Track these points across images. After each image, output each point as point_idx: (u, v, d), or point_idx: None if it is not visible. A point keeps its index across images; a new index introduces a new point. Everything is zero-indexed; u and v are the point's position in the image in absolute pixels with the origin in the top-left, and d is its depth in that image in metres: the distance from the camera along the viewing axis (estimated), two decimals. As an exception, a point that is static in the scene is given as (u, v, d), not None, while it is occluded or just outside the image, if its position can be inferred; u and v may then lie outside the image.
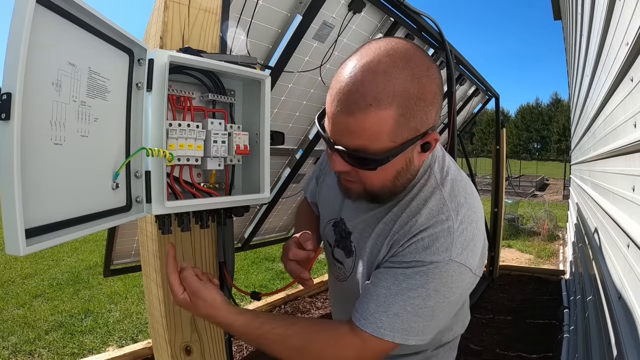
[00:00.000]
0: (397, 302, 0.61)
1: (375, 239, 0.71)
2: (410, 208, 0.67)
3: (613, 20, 1.27)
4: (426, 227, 0.63)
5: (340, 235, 0.80)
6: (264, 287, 3.97)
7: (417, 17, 1.92)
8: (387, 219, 0.69)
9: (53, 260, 4.98)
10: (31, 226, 0.51)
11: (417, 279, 0.61)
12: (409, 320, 0.62)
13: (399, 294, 0.62)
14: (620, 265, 1.15)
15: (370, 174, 0.61)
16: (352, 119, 0.54)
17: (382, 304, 0.62)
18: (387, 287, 0.63)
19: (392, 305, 0.62)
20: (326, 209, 0.88)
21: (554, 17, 4.99)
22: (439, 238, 0.62)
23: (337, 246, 0.81)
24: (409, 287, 0.61)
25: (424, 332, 0.63)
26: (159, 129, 0.74)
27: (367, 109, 0.53)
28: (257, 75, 0.89)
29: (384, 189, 0.64)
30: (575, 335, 2.22)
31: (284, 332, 0.65)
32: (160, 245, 0.88)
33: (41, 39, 0.52)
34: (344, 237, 0.79)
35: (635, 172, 1.04)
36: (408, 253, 0.63)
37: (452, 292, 0.63)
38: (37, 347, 2.71)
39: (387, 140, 0.55)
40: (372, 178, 0.62)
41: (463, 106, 3.71)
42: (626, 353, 0.83)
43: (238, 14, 1.36)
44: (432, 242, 0.62)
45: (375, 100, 0.52)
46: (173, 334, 0.90)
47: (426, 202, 0.66)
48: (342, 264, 0.80)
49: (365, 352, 0.63)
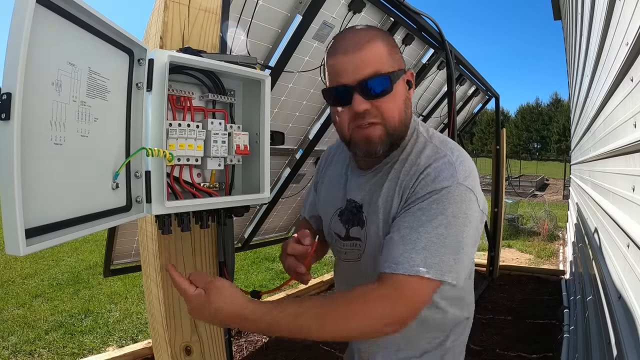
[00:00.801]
0: (422, 235, 0.65)
1: (385, 197, 0.76)
2: (409, 160, 0.76)
3: (613, 20, 1.27)
4: (429, 164, 0.72)
5: (351, 214, 0.84)
6: (264, 287, 3.97)
7: (417, 17, 1.92)
8: (390, 177, 0.77)
9: (53, 260, 4.98)
10: (31, 226, 0.51)
11: (434, 208, 0.67)
12: (438, 253, 0.64)
13: (421, 227, 0.66)
14: (620, 265, 1.15)
15: (388, 104, 0.71)
16: (362, 52, 0.68)
17: (408, 242, 0.65)
18: (409, 226, 0.67)
19: (418, 240, 0.65)
20: (329, 204, 0.91)
21: (554, 17, 4.99)
22: (443, 169, 0.70)
23: (351, 226, 0.83)
24: (429, 218, 0.66)
25: (456, 269, 0.66)
26: (159, 129, 0.74)
27: (367, 43, 0.69)
28: (257, 75, 0.89)
29: (400, 121, 0.73)
30: (575, 335, 2.22)
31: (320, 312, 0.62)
32: (160, 245, 0.88)
33: (41, 39, 0.52)
34: (356, 213, 0.83)
35: (635, 172, 1.04)
36: (419, 190, 0.70)
37: (467, 219, 0.67)
38: (37, 347, 2.71)
39: (388, 65, 0.70)
40: (390, 108, 0.71)
41: (463, 106, 3.71)
42: (626, 353, 0.83)
43: (238, 14, 1.36)
44: (438, 173, 0.70)
45: (370, 38, 0.70)
46: (173, 334, 0.90)
47: (422, 151, 0.76)
48: (359, 239, 0.82)
49: (402, 300, 0.63)
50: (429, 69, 2.46)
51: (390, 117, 0.72)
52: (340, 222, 0.87)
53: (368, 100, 0.69)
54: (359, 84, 0.68)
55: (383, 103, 0.70)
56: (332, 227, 0.90)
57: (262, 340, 2.65)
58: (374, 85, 0.69)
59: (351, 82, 0.69)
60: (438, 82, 2.93)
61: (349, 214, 0.85)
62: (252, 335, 2.71)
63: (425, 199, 0.68)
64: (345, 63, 0.69)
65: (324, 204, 0.94)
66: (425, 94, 2.96)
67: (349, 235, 0.85)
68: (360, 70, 0.68)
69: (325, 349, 2.55)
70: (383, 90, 0.69)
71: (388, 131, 0.72)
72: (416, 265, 0.63)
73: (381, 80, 0.69)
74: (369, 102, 0.70)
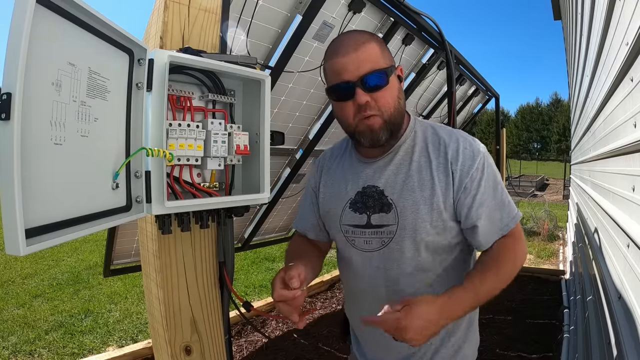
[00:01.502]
0: (501, 194, 0.85)
1: (417, 176, 0.84)
2: (430, 138, 0.87)
3: (613, 20, 1.27)
4: (455, 139, 0.85)
5: (372, 199, 0.87)
6: (264, 287, 3.98)
7: (417, 17, 1.92)
8: (416, 156, 0.86)
9: (53, 260, 4.98)
10: (31, 226, 0.51)
11: (488, 172, 0.83)
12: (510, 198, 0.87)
13: (496, 189, 0.84)
14: (620, 265, 1.15)
15: (385, 96, 0.80)
16: (359, 52, 0.78)
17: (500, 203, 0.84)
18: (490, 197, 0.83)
19: (502, 198, 0.84)
20: (336, 201, 0.93)
21: (554, 17, 4.99)
22: (465, 137, 0.86)
23: (373, 213, 0.87)
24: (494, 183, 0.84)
25: None
26: (159, 129, 0.74)
27: (362, 44, 0.79)
28: (257, 75, 0.89)
29: (396, 110, 0.82)
30: (575, 335, 2.22)
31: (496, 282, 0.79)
32: (160, 245, 0.88)
33: (41, 39, 0.52)
34: (378, 198, 0.87)
35: (635, 172, 1.04)
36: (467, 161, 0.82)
37: None
38: (37, 347, 2.71)
39: (382, 62, 0.80)
40: (387, 99, 0.80)
41: (463, 106, 3.71)
42: (626, 353, 0.83)
43: (238, 14, 1.36)
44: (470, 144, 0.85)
45: (365, 40, 0.80)
46: (173, 334, 0.90)
47: (434, 130, 0.89)
48: (385, 225, 0.86)
49: (520, 242, 0.85)
50: (429, 69, 2.46)
51: (386, 107, 0.81)
52: (355, 212, 0.89)
53: (368, 94, 0.78)
54: (360, 79, 0.78)
55: (380, 96, 0.80)
56: (344, 221, 0.90)
57: (262, 341, 2.65)
58: (372, 80, 0.78)
59: (353, 78, 0.78)
60: (438, 82, 2.93)
61: (368, 201, 0.87)
62: (252, 335, 2.71)
63: (479, 168, 0.82)
64: (346, 62, 0.78)
65: (330, 202, 0.95)
66: (425, 94, 2.96)
67: (371, 223, 0.87)
68: (360, 67, 0.78)
69: (325, 349, 2.55)
70: (380, 83, 0.79)
71: (386, 120, 0.81)
72: (516, 213, 0.85)
73: (378, 75, 0.79)
74: (369, 95, 0.79)
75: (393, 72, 0.82)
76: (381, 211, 0.86)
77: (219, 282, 1.00)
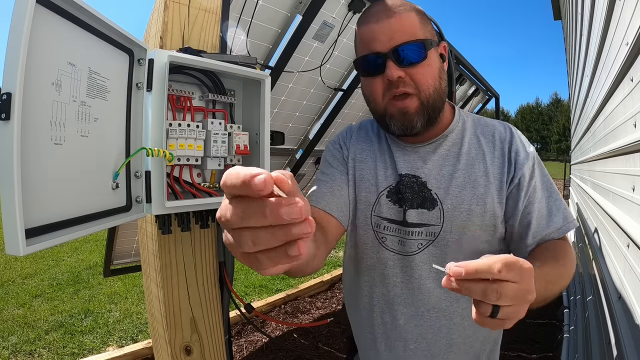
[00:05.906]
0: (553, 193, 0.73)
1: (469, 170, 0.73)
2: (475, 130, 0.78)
3: (613, 20, 1.27)
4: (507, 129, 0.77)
5: (412, 192, 0.74)
6: (264, 287, 3.98)
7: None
8: (465, 150, 0.75)
9: (53, 260, 4.98)
10: (31, 226, 0.51)
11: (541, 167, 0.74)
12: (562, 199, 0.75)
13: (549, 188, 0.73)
14: (620, 265, 1.15)
15: (423, 73, 0.68)
16: (392, 19, 0.67)
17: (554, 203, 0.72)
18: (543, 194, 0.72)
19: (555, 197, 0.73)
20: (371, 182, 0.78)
21: (554, 17, 4.99)
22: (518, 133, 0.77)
23: (409, 208, 0.74)
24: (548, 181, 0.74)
25: None
26: (159, 129, 0.74)
27: (399, 13, 0.67)
28: (257, 75, 0.89)
29: (435, 91, 0.70)
30: (575, 335, 2.22)
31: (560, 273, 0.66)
32: (160, 246, 0.88)
33: (41, 39, 0.52)
34: (418, 190, 0.74)
35: (635, 172, 1.04)
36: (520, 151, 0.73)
37: None
38: (37, 347, 2.71)
39: (420, 33, 0.68)
40: (425, 77, 0.68)
41: (463, 106, 3.71)
42: (626, 353, 0.83)
43: (238, 14, 1.36)
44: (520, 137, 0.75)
45: (401, 7, 0.68)
46: (173, 334, 0.90)
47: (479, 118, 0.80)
48: (424, 225, 0.73)
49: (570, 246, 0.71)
50: (429, 69, 2.46)
51: (424, 86, 0.68)
52: (392, 202, 0.75)
53: (401, 68, 0.66)
54: (392, 50, 0.66)
55: (417, 72, 0.67)
56: (377, 212, 0.76)
57: (262, 340, 2.65)
58: (407, 52, 0.66)
59: (384, 49, 0.66)
60: (438, 82, 2.93)
61: (406, 192, 0.74)
62: (252, 335, 2.71)
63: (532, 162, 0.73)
64: (377, 30, 0.67)
65: (362, 185, 0.79)
66: (425, 94, 2.95)
67: (406, 221, 0.74)
68: (394, 37, 0.66)
69: (326, 349, 2.55)
70: (417, 57, 0.67)
71: (423, 102, 0.68)
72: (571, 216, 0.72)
73: (415, 46, 0.66)
74: (403, 70, 0.66)
75: (434, 47, 0.69)
76: (421, 207, 0.73)
77: (219, 282, 1.00)
